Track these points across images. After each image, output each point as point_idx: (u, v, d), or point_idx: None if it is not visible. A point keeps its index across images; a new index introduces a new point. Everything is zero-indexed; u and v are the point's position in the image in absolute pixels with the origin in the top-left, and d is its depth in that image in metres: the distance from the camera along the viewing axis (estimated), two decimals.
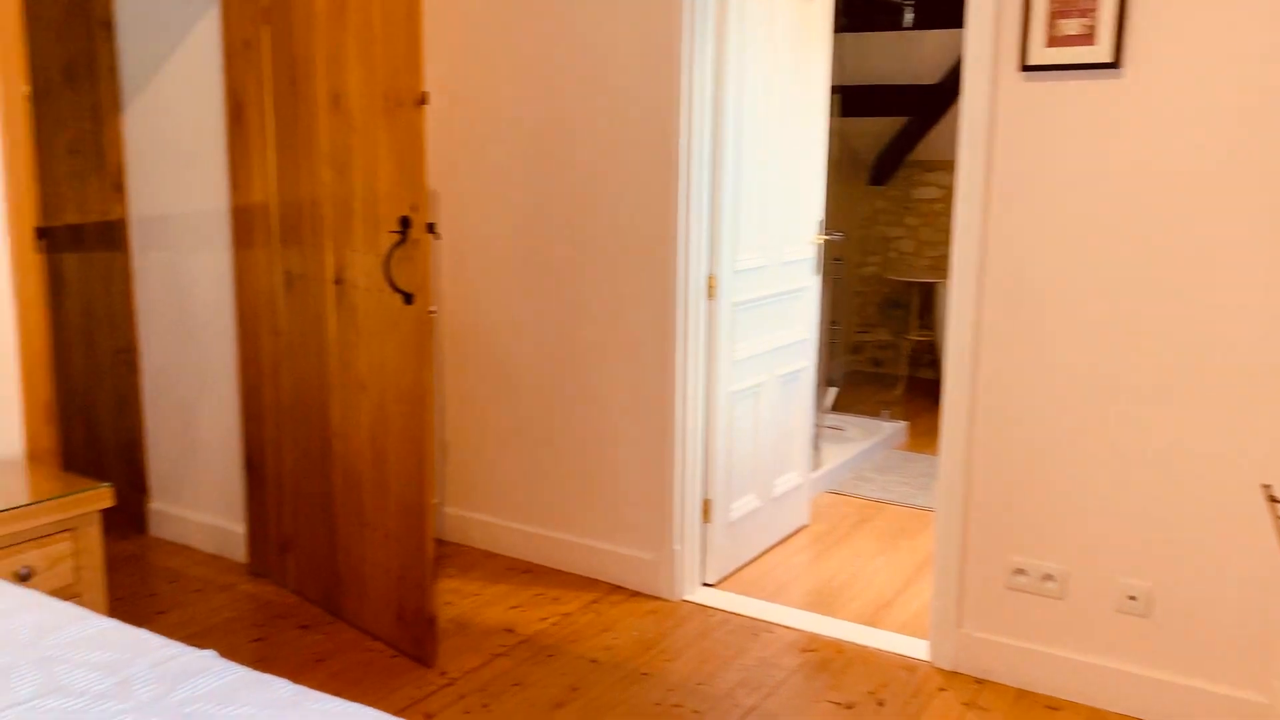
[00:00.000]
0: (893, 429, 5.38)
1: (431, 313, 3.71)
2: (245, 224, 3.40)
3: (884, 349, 7.09)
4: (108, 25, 3.73)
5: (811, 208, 3.88)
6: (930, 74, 5.89)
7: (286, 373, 3.33)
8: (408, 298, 2.82)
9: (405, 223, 2.79)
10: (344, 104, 2.94)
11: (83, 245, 4.08)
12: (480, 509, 3.85)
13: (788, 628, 3.25)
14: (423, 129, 2.71)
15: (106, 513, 4.13)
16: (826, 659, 3.06)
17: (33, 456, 2.73)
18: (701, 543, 3.52)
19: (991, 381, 2.85)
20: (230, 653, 3.01)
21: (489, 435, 3.77)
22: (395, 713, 2.70)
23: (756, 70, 3.41)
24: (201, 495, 3.80)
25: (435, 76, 3.66)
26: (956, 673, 2.97)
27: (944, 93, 5.90)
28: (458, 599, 3.42)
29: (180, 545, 3.88)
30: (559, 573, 3.64)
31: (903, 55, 5.86)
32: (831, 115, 4.85)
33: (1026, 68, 2.69)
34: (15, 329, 2.66)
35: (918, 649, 3.11)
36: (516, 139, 3.53)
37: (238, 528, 3.68)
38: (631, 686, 2.88)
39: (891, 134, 6.51)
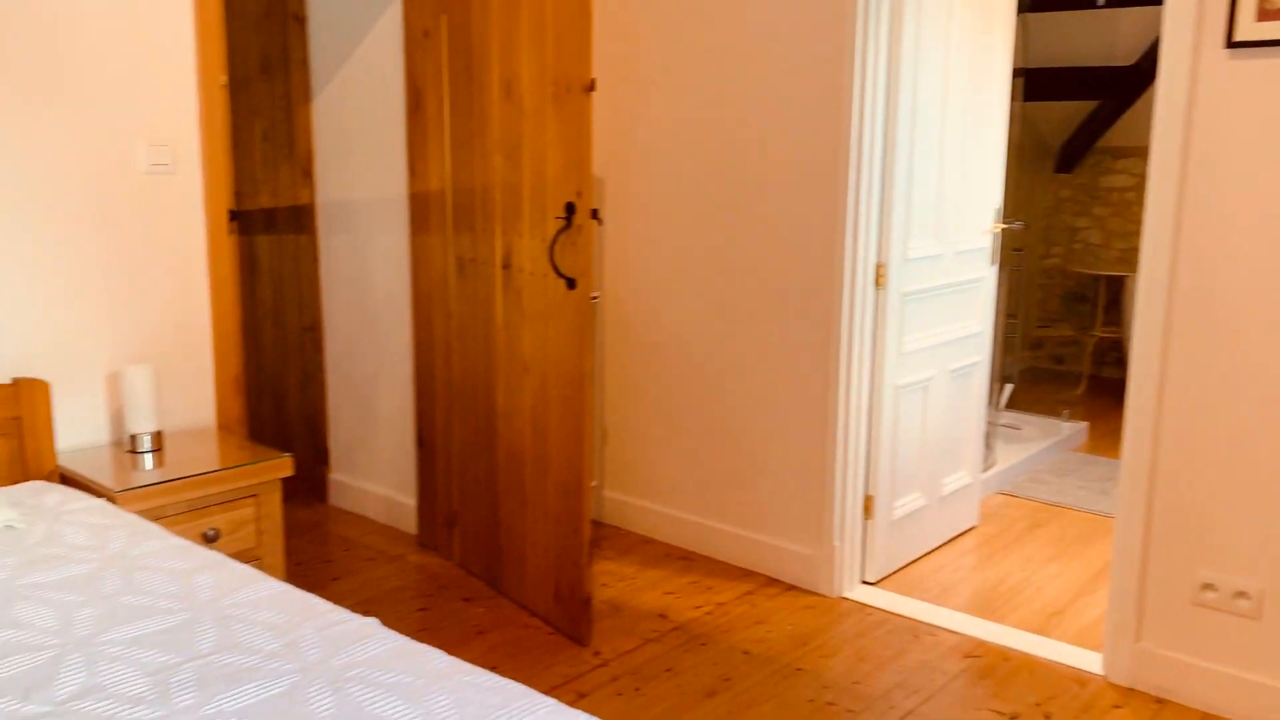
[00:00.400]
0: (1072, 429, 5.12)
1: (594, 299, 3.76)
2: (422, 210, 3.52)
3: (1066, 345, 6.74)
4: (300, 19, 3.92)
5: (989, 195, 3.72)
6: (1125, 55, 5.54)
7: (457, 354, 3.43)
8: (570, 283, 2.86)
9: (570, 209, 2.83)
10: (515, 91, 3.00)
11: (274, 228, 4.32)
12: (638, 494, 3.88)
13: (951, 631, 3.13)
14: (590, 116, 2.73)
15: (290, 481, 4.40)
16: (991, 666, 2.93)
17: (222, 426, 2.91)
18: (862, 539, 3.43)
19: (1181, 382, 2.66)
20: (397, 621, 3.14)
21: (648, 421, 3.79)
22: (548, 690, 2.75)
23: (933, 52, 3.29)
24: (376, 468, 3.97)
25: (604, 62, 3.69)
26: (1133, 689, 2.80)
27: (1139, 75, 5.55)
28: (614, 581, 3.45)
29: (356, 515, 4.06)
30: (715, 562, 3.63)
31: (1096, 35, 5.53)
32: (1015, 99, 4.63)
33: (1233, 44, 2.49)
34: (209, 307, 2.83)
35: (1090, 661, 2.94)
36: (681, 124, 3.52)
37: (409, 501, 3.83)
38: (784, 681, 2.83)
39: (1080, 119, 6.17)
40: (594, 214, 2.82)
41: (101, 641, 1.62)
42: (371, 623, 1.70)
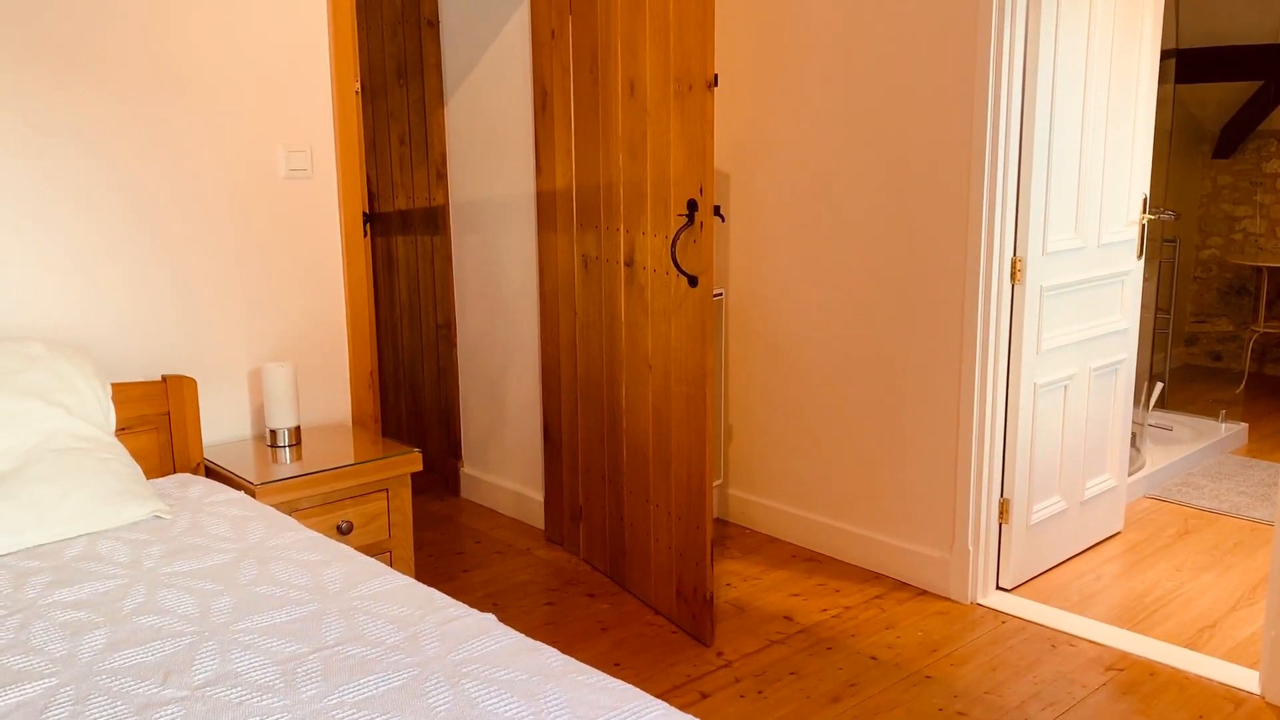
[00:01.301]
0: (1230, 431, 4.82)
1: (718, 296, 3.73)
2: (549, 208, 3.56)
3: (1224, 341, 6.36)
4: (434, 24, 4.02)
5: (1136, 184, 3.53)
6: None
7: (582, 351, 3.46)
8: (692, 280, 2.84)
9: (692, 206, 2.81)
10: (639, 89, 3.00)
11: (411, 229, 4.45)
12: (763, 493, 3.83)
13: (1091, 642, 2.99)
14: (711, 112, 2.71)
15: (425, 475, 4.53)
16: (1135, 680, 2.78)
17: (357, 422, 3.01)
18: (998, 544, 3.31)
19: None
20: (523, 614, 3.19)
21: (773, 419, 3.74)
22: (670, 689, 2.74)
23: (1074, 33, 3.14)
24: (506, 463, 4.05)
25: (730, 56, 3.66)
26: None
27: None
28: (738, 581, 3.42)
29: (487, 508, 4.15)
30: (842, 564, 3.56)
31: (1258, 10, 5.19)
32: (1166, 82, 4.38)
33: None
34: (345, 306, 2.93)
35: (1246, 679, 2.76)
36: (808, 117, 3.46)
37: (536, 495, 3.89)
38: (913, 688, 2.76)
39: (1240, 101, 5.80)
40: (716, 211, 2.79)
41: (236, 630, 1.69)
42: (489, 619, 1.72)
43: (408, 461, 2.64)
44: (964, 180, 3.08)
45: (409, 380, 4.62)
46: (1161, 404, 5.38)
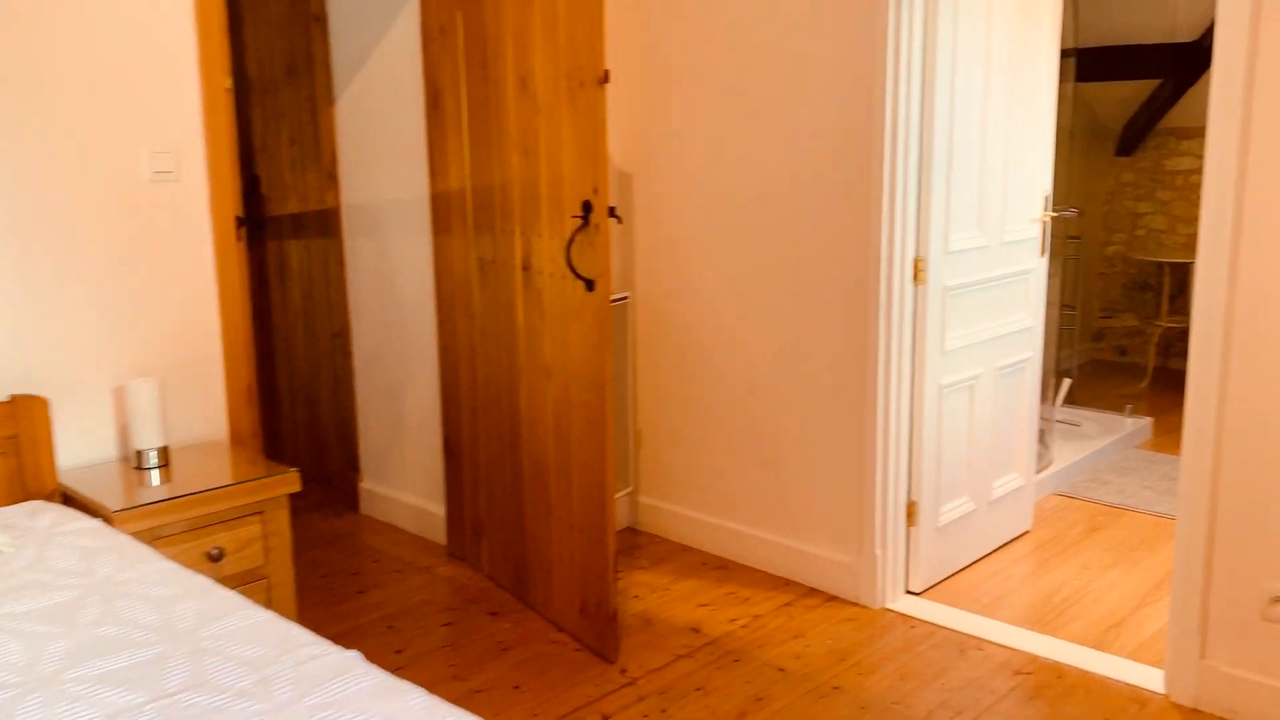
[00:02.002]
0: (1135, 425, 4.87)
1: (623, 299, 3.63)
2: (443, 210, 3.42)
3: (1130, 336, 6.46)
4: (321, 19, 3.85)
5: (1038, 182, 3.51)
6: (1187, 30, 5.26)
7: (481, 358, 3.33)
8: (589, 284, 2.73)
9: (587, 207, 2.70)
10: (530, 86, 2.88)
11: (303, 232, 4.26)
12: (674, 500, 3.74)
13: (1000, 645, 2.95)
14: (604, 110, 2.60)
15: (324, 491, 4.33)
16: (1043, 683, 2.75)
17: (235, 439, 2.83)
18: (906, 547, 3.26)
19: (1244, 377, 2.45)
20: (420, 636, 3.04)
21: (682, 424, 3.65)
22: (570, 711, 2.63)
23: (973, 33, 3.10)
24: (406, 477, 3.89)
25: (626, 52, 3.56)
26: (1197, 710, 2.60)
27: (1202, 52, 5.26)
28: (646, 593, 3.32)
29: (387, 524, 3.99)
30: (753, 571, 3.48)
31: (1155, 11, 5.26)
32: (1067, 80, 4.40)
33: None
34: (218, 315, 2.75)
35: (1151, 679, 2.74)
36: (708, 115, 3.37)
37: (438, 510, 3.74)
38: (820, 701, 2.68)
39: (1140, 99, 5.89)
40: (612, 212, 2.69)
41: (66, 679, 1.53)
42: (351, 657, 1.59)
43: (284, 482, 2.49)
44: (864, 180, 3.03)
45: (306, 391, 4.43)
46: (1070, 400, 5.42)
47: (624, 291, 3.68)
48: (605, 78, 2.61)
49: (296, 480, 2.51)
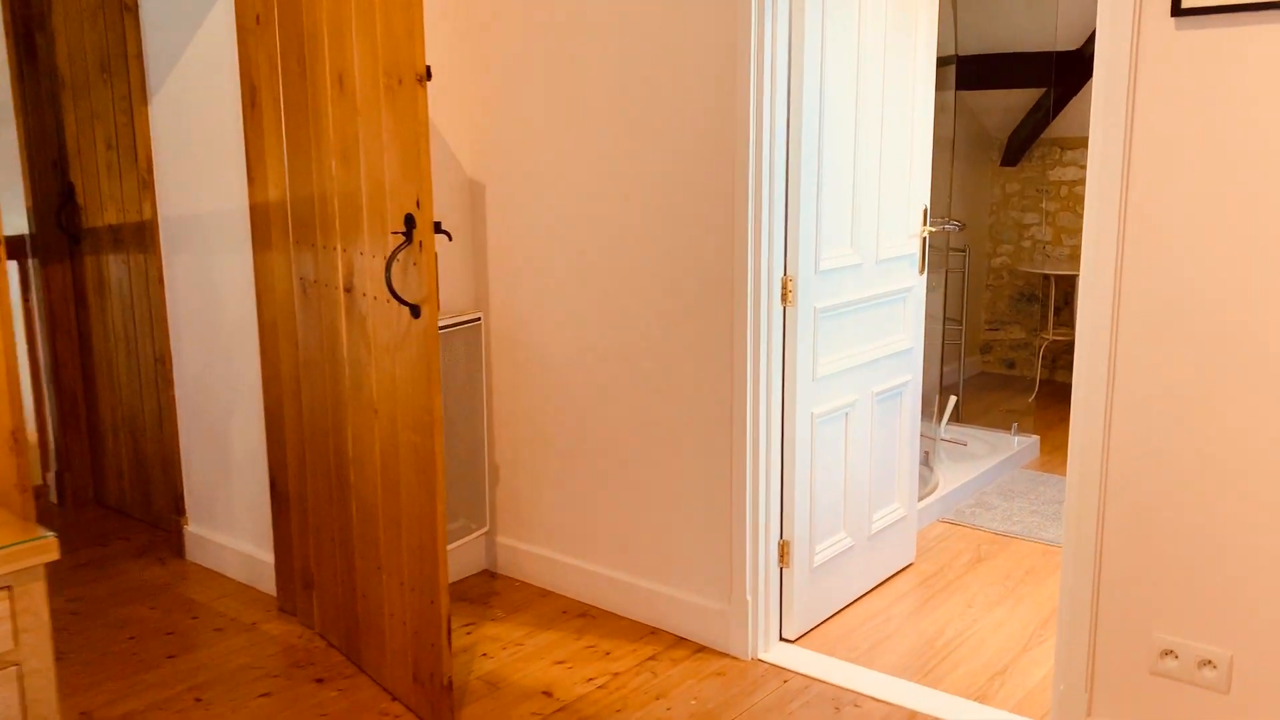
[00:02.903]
0: (1022, 444, 4.73)
1: (474, 321, 3.29)
2: (263, 223, 3.04)
3: (1017, 349, 6.37)
4: (133, 9, 3.43)
5: (916, 196, 3.30)
6: (1070, 38, 5.16)
7: (306, 391, 2.96)
8: (414, 310, 2.40)
9: (409, 221, 2.37)
10: (348, 84, 2.54)
11: (122, 246, 3.82)
12: (534, 541, 3.42)
13: (879, 701, 2.70)
14: (424, 111, 2.28)
15: (149, 534, 3.88)
16: None
17: None
18: (779, 591, 3.00)
19: (1132, 406, 2.24)
20: (230, 712, 2.66)
21: (542, 458, 3.34)
22: None
23: (844, 40, 2.86)
24: (234, 520, 3.49)
25: (477, 50, 3.23)
26: None
27: (1085, 60, 5.17)
28: (496, 649, 2.99)
29: (214, 573, 3.58)
30: (617, 619, 3.18)
31: (1037, 18, 5.15)
32: (948, 88, 4.23)
33: (1181, 11, 2.08)
34: None
35: None
36: (565, 120, 3.07)
37: (268, 558, 3.36)
38: None
39: (1025, 108, 5.79)
40: (438, 227, 2.36)
41: None
42: None
43: (38, 550, 2.08)
44: (727, 194, 2.76)
45: (129, 423, 3.99)
46: (956, 417, 5.27)
47: (476, 312, 3.34)
48: (426, 75, 2.28)
49: (53, 548, 2.11)
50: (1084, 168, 5.89)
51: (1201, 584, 2.20)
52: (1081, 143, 5.87)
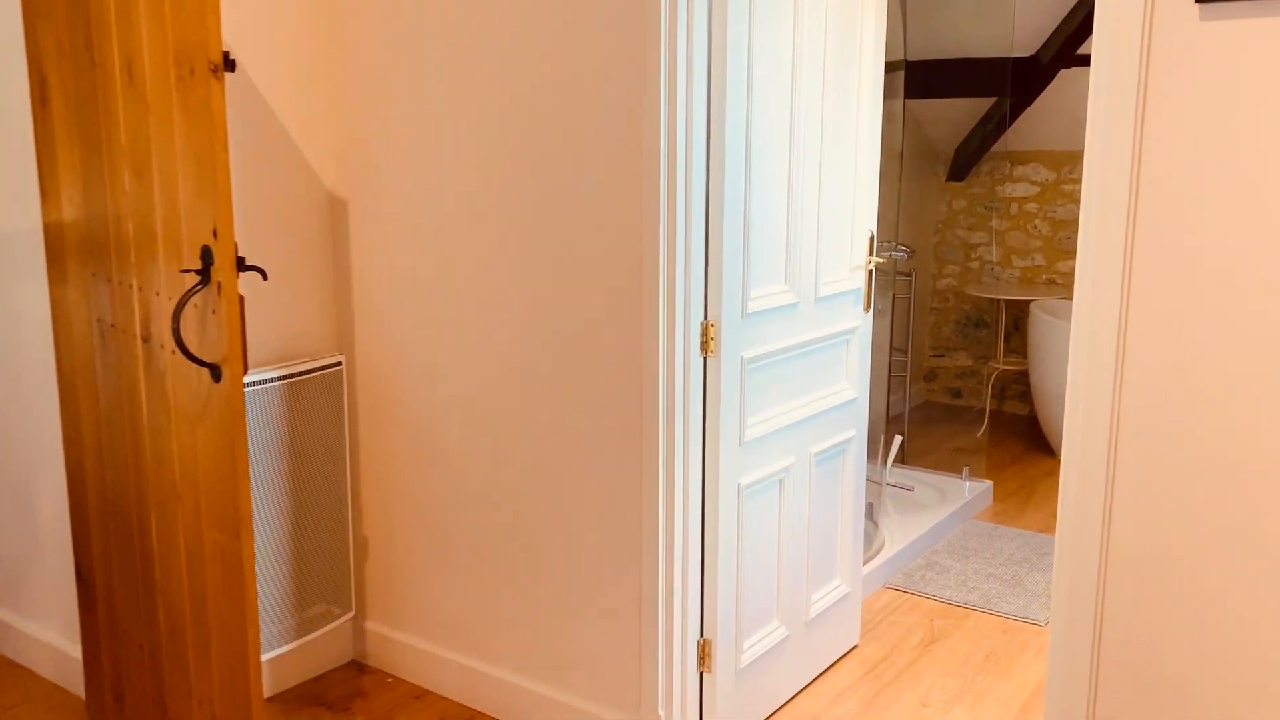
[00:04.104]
0: (974, 491, 4.26)
1: (335, 366, 2.69)
2: (58, 248, 2.44)
3: (964, 377, 5.93)
4: None
5: (861, 220, 2.80)
6: (1025, 44, 4.73)
7: (109, 458, 2.37)
8: (214, 371, 1.82)
9: (206, 255, 1.80)
10: (137, 73, 1.96)
11: None
12: (410, 629, 2.85)
13: None
14: (221, 110, 1.72)
15: None
16: None
17: None
18: (699, 700, 2.47)
19: (1137, 491, 1.75)
20: None
21: (420, 530, 2.77)
22: None
23: (776, 46, 2.35)
24: (42, 605, 2.87)
25: (342, 39, 2.67)
26: None
27: (1041, 67, 4.74)
28: None
29: (21, 668, 2.95)
30: None
31: (990, 21, 4.71)
32: (896, 97, 3.76)
33: None
34: None
35: None
36: (449, 127, 2.52)
37: (79, 654, 2.75)
38: None
39: (974, 119, 5.36)
40: (242, 264, 1.80)
41: None
42: None
43: None
44: (635, 225, 2.23)
45: None
46: (901, 458, 4.81)
47: (336, 355, 2.77)
48: (225, 65, 1.72)
49: None
50: (1037, 183, 5.48)
51: (1223, 707, 1.72)
52: (1034, 156, 5.45)
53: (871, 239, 2.83)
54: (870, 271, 2.83)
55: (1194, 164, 1.64)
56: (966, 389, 5.94)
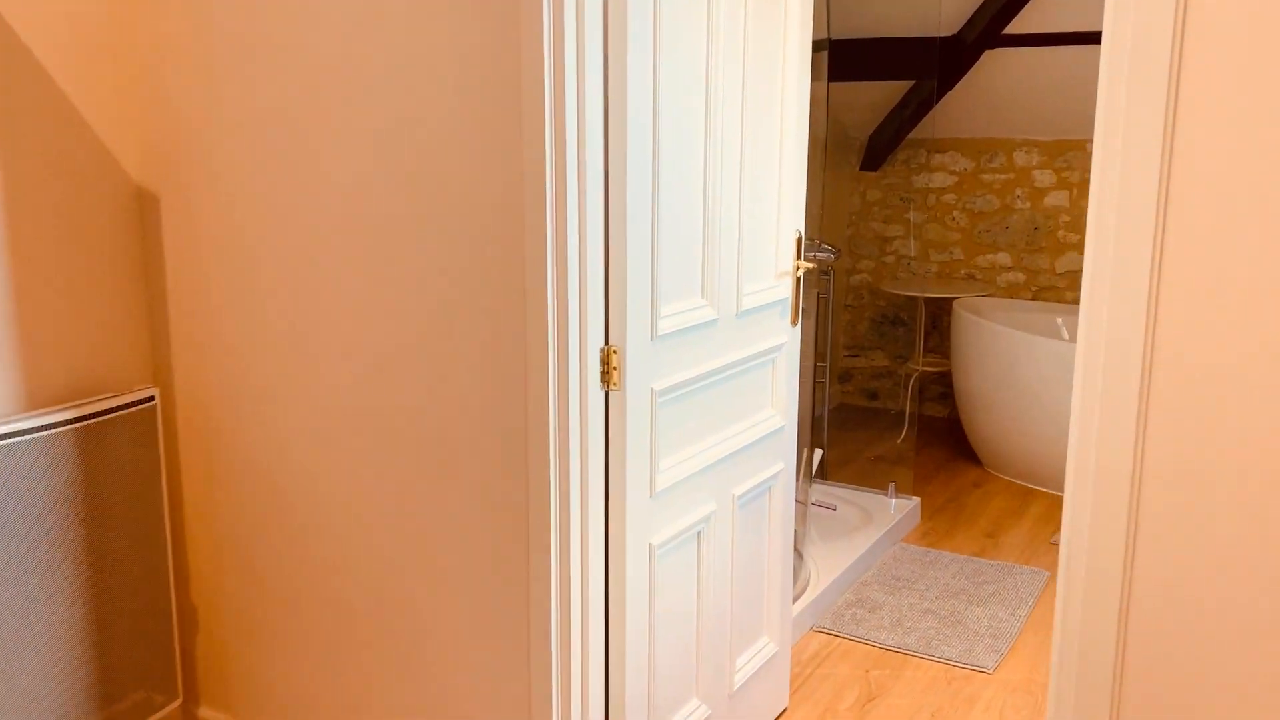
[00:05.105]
0: (901, 510, 3.91)
1: (148, 402, 2.15)
2: None
3: (880, 378, 5.61)
4: None
5: (788, 219, 2.38)
6: (947, 22, 4.39)
7: None
8: None
9: None
10: None
11: None
12: (251, 714, 2.34)
13: None
14: None
15: None
16: None
17: None
18: None
19: (1166, 566, 1.37)
20: None
21: (259, 600, 2.26)
22: None
23: (687, 21, 1.90)
24: None
25: (150, 14, 2.13)
26: None
27: (963, 48, 4.40)
28: None
29: None
30: None
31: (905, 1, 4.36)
32: (820, 79, 3.36)
33: None
34: None
35: None
36: (284, 105, 2.01)
37: None
38: None
39: (889, 104, 5.01)
40: None
41: None
42: None
43: None
44: (517, 231, 1.76)
45: None
46: (822, 473, 4.44)
47: (147, 388, 2.23)
48: None
49: None
50: (955, 173, 5.17)
51: None
52: (954, 144, 5.13)
53: (799, 240, 2.41)
54: (798, 279, 2.41)
55: (1229, 130, 1.25)
56: (883, 390, 5.62)
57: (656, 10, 1.81)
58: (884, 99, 4.98)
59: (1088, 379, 1.40)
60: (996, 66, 4.58)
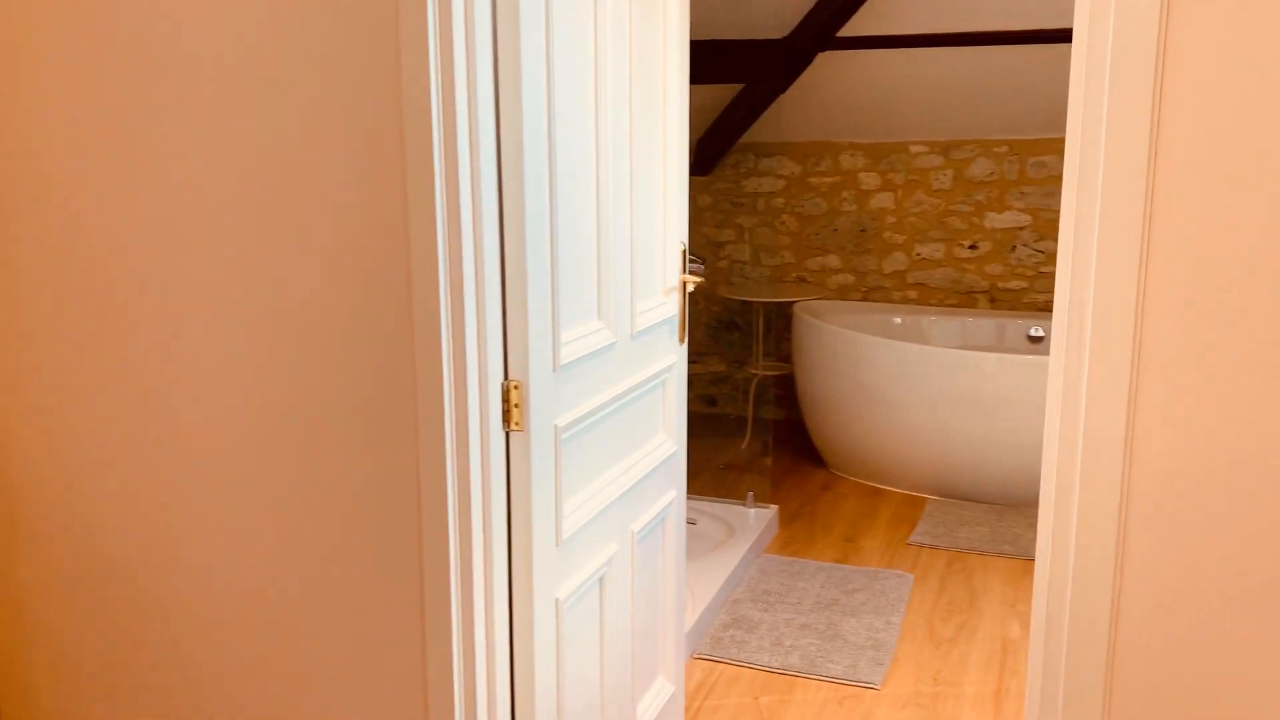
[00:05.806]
0: (760, 520, 3.84)
1: None
2: None
3: (718, 383, 5.56)
4: None
5: (672, 231, 2.22)
6: (775, 25, 4.36)
7: None
8: None
9: None
10: None
11: None
12: None
13: None
14: None
15: None
16: None
17: None
18: None
19: (1160, 593, 1.29)
20: None
21: (82, 695, 1.91)
22: None
23: (576, 22, 1.71)
24: None
25: None
26: None
27: (794, 52, 4.39)
28: None
29: None
30: None
31: (734, 3, 4.30)
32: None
33: None
34: None
35: None
36: (110, 90, 1.68)
37: None
38: None
39: (719, 107, 4.96)
40: None
41: None
42: None
43: None
44: (402, 258, 1.52)
45: None
46: None
47: None
48: None
49: None
50: (783, 177, 5.18)
51: None
52: (780, 149, 5.13)
53: (684, 253, 2.26)
54: (685, 294, 2.26)
55: (1223, 132, 1.19)
56: (721, 396, 5.58)
57: (549, 13, 1.60)
58: (713, 103, 4.92)
59: (1061, 407, 1.30)
60: (829, 69, 4.59)
